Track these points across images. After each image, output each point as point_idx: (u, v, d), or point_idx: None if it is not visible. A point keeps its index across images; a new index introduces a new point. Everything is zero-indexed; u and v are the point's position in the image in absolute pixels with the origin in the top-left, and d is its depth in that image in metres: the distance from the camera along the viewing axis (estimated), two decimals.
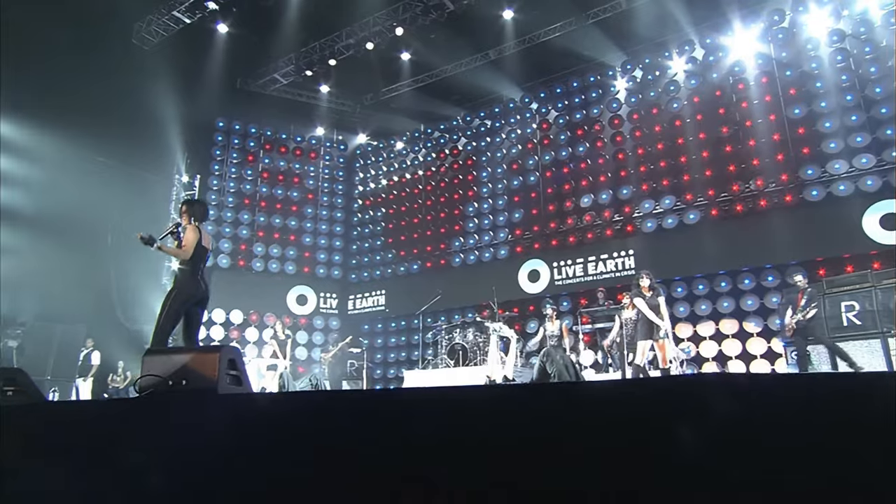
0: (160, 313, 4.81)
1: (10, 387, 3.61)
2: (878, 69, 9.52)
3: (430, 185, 14.44)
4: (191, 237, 4.95)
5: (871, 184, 9.22)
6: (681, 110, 11.15)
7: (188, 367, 2.69)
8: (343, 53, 12.54)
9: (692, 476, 1.44)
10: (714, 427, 1.52)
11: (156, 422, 2.50)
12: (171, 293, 4.89)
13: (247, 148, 14.31)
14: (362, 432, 2.07)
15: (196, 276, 5.04)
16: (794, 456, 1.38)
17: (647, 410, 1.75)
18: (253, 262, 13.55)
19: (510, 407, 2.02)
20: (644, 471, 1.49)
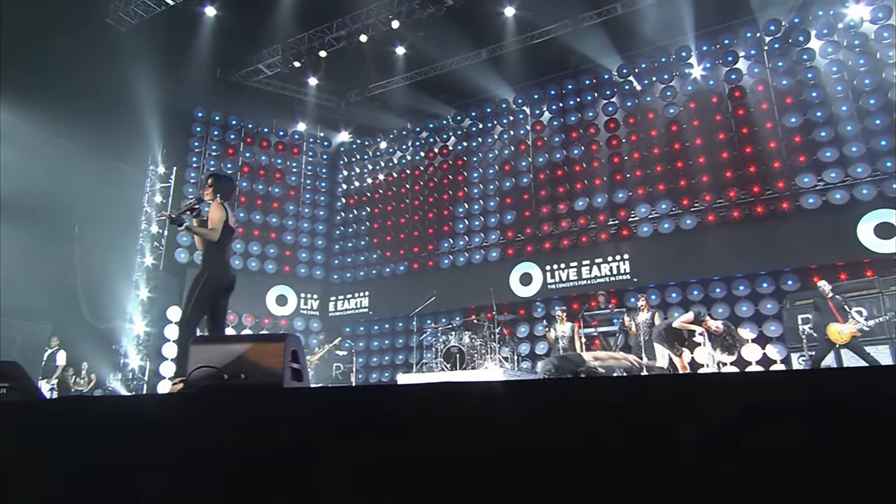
0: (187, 302, 4.33)
1: (2, 382, 3.10)
2: (872, 81, 9.69)
3: (417, 184, 14.09)
4: (217, 215, 4.48)
5: (866, 193, 9.35)
6: (677, 115, 11.14)
7: (247, 358, 2.28)
8: (334, 45, 12.14)
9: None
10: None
11: (210, 422, 2.08)
12: (200, 279, 4.40)
13: (227, 141, 13.68)
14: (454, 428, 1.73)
15: (224, 259, 4.59)
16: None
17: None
18: (231, 259, 12.86)
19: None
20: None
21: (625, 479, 1.45)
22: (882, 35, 9.79)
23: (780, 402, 1.49)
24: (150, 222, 12.43)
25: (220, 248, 4.52)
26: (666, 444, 1.46)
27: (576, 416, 1.63)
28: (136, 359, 11.36)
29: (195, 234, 4.53)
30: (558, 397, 1.92)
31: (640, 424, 1.54)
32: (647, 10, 10.78)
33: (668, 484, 1.42)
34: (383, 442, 1.66)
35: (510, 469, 1.57)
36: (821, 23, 10.31)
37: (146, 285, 11.89)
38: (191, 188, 12.88)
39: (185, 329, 4.29)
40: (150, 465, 1.94)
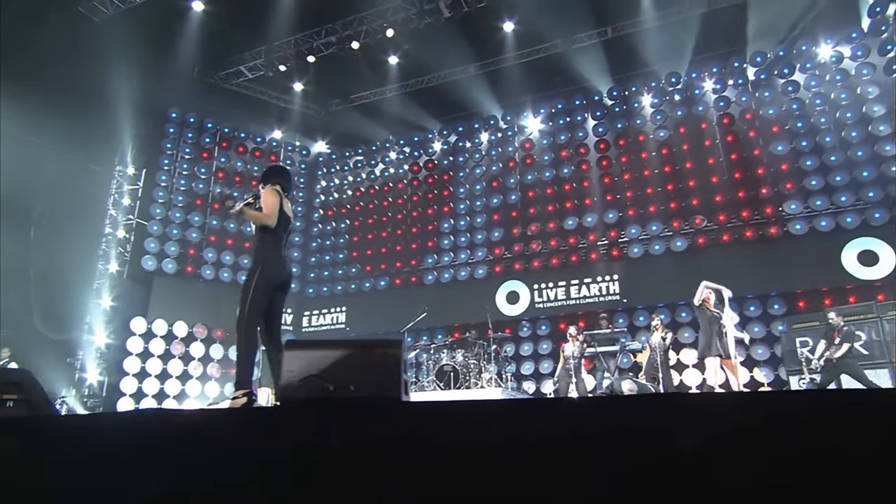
0: (242, 301, 3.83)
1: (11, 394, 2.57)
2: (854, 114, 10.09)
3: (401, 198, 13.76)
4: (272, 199, 4.03)
5: (850, 221, 9.64)
6: (668, 139, 11.29)
7: (354, 367, 1.90)
8: (322, 51, 11.77)
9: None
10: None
11: (317, 441, 1.70)
12: (255, 273, 3.92)
13: (201, 144, 12.99)
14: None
15: (280, 251, 4.12)
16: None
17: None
18: (203, 268, 12.14)
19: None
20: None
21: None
22: (862, 71, 10.24)
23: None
24: (116, 226, 11.57)
25: (275, 239, 4.06)
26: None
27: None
28: (95, 373, 10.43)
29: (247, 218, 4.04)
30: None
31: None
32: (639, 35, 10.93)
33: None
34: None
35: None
36: (805, 57, 10.71)
37: (109, 293, 11.00)
38: (161, 191, 12.12)
39: (244, 333, 3.78)
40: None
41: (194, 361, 11.38)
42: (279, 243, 4.11)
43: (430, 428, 1.78)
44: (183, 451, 1.81)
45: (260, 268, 3.92)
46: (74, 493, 2.06)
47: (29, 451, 2.37)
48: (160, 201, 12.03)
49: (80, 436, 2.20)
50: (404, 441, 1.73)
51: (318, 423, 1.78)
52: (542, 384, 11.18)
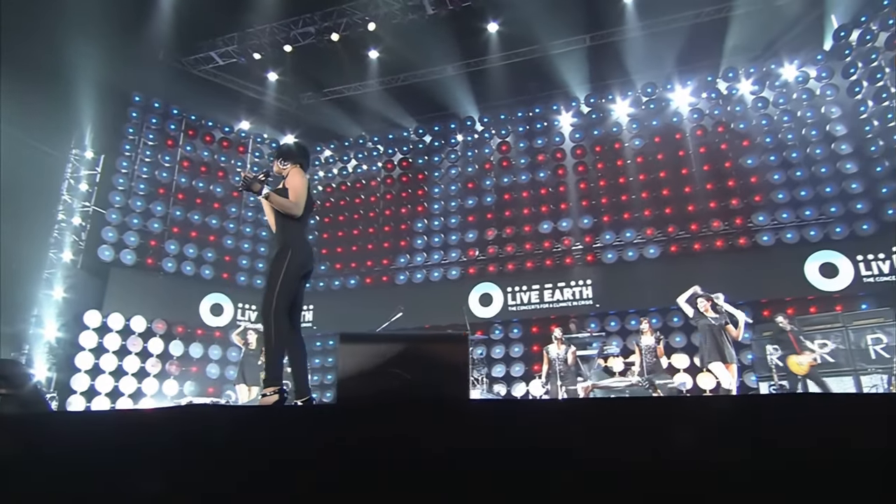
0: (270, 290, 3.55)
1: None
2: (819, 132, 10.52)
3: (373, 195, 13.51)
4: (300, 181, 3.77)
5: (814, 234, 10.04)
6: (643, 148, 11.49)
7: (419, 364, 1.73)
8: (299, 41, 11.44)
9: None
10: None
11: (383, 447, 1.54)
12: (282, 261, 3.63)
13: (166, 130, 12.39)
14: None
15: (307, 238, 3.89)
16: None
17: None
18: (164, 261, 11.54)
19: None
20: None
21: None
22: (826, 92, 10.70)
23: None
24: (71, 213, 10.88)
25: (302, 224, 3.82)
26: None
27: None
28: (44, 369, 9.74)
29: (274, 205, 3.71)
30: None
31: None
32: (619, 44, 11.10)
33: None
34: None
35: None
36: (773, 75, 11.11)
37: (61, 284, 10.31)
38: (121, 178, 11.48)
39: (273, 325, 3.48)
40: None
41: (152, 358, 10.80)
42: (306, 228, 3.88)
43: (505, 429, 1.65)
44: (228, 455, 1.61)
45: (290, 253, 3.65)
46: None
47: (19, 455, 2.11)
48: (120, 188, 11.39)
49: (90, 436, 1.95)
50: (478, 444, 1.59)
51: (384, 423, 1.62)
52: (513, 387, 11.16)
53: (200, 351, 11.46)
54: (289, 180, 3.78)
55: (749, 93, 11.23)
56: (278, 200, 3.68)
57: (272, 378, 3.48)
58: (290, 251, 3.64)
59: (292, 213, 3.70)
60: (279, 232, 3.79)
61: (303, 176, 3.83)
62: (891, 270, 9.54)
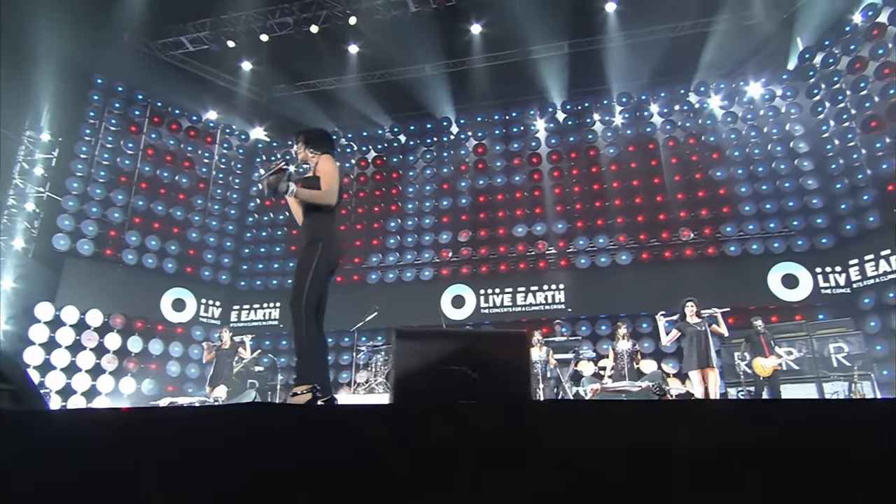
0: (300, 284, 3.34)
1: None
2: (783, 148, 10.96)
3: (346, 193, 13.25)
4: (332, 169, 3.57)
5: (777, 246, 10.43)
6: (618, 156, 11.70)
7: (480, 362, 1.64)
8: (276, 31, 11.14)
9: None
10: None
11: (447, 447, 1.45)
12: (313, 254, 3.43)
13: (130, 116, 11.83)
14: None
15: (337, 230, 3.70)
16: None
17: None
18: (124, 252, 10.99)
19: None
20: None
21: None
22: (790, 111, 11.16)
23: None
24: (23, 198, 10.22)
25: (332, 215, 3.61)
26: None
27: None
28: None
29: (304, 199, 3.49)
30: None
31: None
32: (595, 54, 11.26)
33: None
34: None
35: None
36: (742, 91, 11.51)
37: (11, 274, 9.67)
38: (80, 164, 10.88)
39: (303, 321, 3.31)
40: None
41: (109, 354, 10.25)
42: (336, 220, 3.68)
43: (569, 429, 1.58)
44: (290, 455, 1.48)
45: (321, 246, 3.46)
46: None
47: (16, 457, 1.91)
48: (78, 175, 10.79)
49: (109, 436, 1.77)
50: (543, 445, 1.52)
51: (454, 422, 1.52)
52: None
53: (160, 348, 10.97)
54: (320, 168, 3.58)
55: (719, 107, 11.59)
56: (308, 194, 3.49)
57: (304, 376, 3.31)
58: (319, 244, 3.46)
59: (326, 202, 3.52)
60: (308, 223, 3.58)
61: (334, 164, 3.66)
62: (846, 283, 10.01)
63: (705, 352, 6.77)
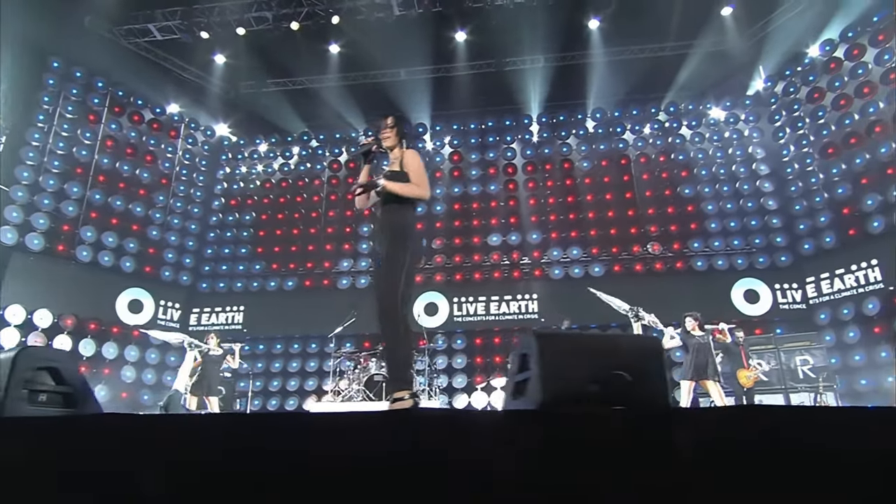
0: (393, 283, 3.09)
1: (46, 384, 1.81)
2: (746, 170, 11.52)
3: (317, 195, 12.94)
4: (420, 163, 3.36)
5: (741, 262, 10.91)
6: (591, 170, 11.95)
7: (619, 367, 1.56)
8: (252, 25, 10.79)
9: None
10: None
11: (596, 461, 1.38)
12: (405, 252, 3.19)
13: (88, 104, 11.10)
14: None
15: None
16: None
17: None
18: (78, 249, 10.27)
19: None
20: None
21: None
22: (753, 134, 11.76)
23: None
24: None
25: (415, 212, 3.43)
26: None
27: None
28: None
29: (399, 192, 3.28)
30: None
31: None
32: (572, 69, 11.51)
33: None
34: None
35: None
36: (708, 114, 12.04)
37: None
38: (32, 152, 10.11)
39: (395, 323, 3.09)
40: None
41: None
42: (416, 216, 3.50)
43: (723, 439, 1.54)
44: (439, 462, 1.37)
45: (410, 245, 3.26)
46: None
47: (71, 468, 1.71)
48: (29, 163, 10.02)
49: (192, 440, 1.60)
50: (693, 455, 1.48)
51: (601, 428, 1.45)
52: (455, 399, 11.05)
53: (115, 351, 10.29)
54: (410, 162, 3.39)
55: (687, 127, 12.05)
56: (404, 188, 3.29)
57: (403, 380, 3.13)
58: (409, 244, 3.27)
59: (422, 197, 3.36)
60: (391, 218, 3.35)
61: (420, 158, 3.50)
62: (803, 299, 10.58)
63: (704, 364, 6.95)
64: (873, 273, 9.38)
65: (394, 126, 3.50)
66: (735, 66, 11.44)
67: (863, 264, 9.52)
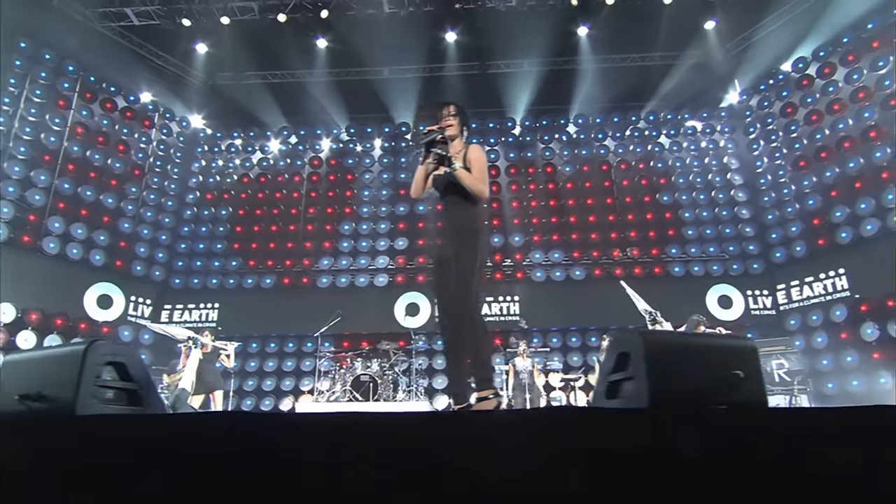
0: (466, 281, 2.97)
1: (112, 380, 1.69)
2: (721, 179, 11.90)
3: (296, 191, 12.69)
4: (484, 162, 3.26)
5: (716, 269, 11.26)
6: (573, 174, 12.12)
7: (721, 367, 1.56)
8: (237, 15, 10.51)
9: None
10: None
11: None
12: (477, 247, 3.10)
13: (58, 89, 10.57)
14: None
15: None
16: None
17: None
18: (45, 240, 9.76)
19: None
20: None
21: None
22: (728, 145, 12.16)
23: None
24: None
25: (482, 206, 3.31)
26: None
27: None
28: None
29: (467, 183, 3.18)
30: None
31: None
32: (558, 74, 11.63)
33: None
34: None
35: None
36: (685, 124, 12.39)
37: None
38: None
39: (475, 322, 3.00)
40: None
41: None
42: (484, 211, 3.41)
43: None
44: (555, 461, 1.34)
45: (481, 240, 3.17)
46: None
47: (147, 469, 1.62)
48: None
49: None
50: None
51: (707, 429, 1.46)
52: (434, 400, 11.00)
53: None
54: (475, 157, 3.29)
55: (666, 136, 12.36)
56: (471, 181, 3.21)
57: (487, 379, 3.02)
58: (480, 239, 3.20)
59: (482, 195, 3.26)
60: (457, 211, 3.27)
61: (483, 152, 3.43)
62: (773, 305, 11.00)
63: None
64: (840, 281, 9.82)
65: (457, 115, 3.40)
66: (713, 78, 11.79)
67: (831, 273, 9.96)
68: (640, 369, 1.60)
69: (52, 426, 1.61)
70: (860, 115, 9.62)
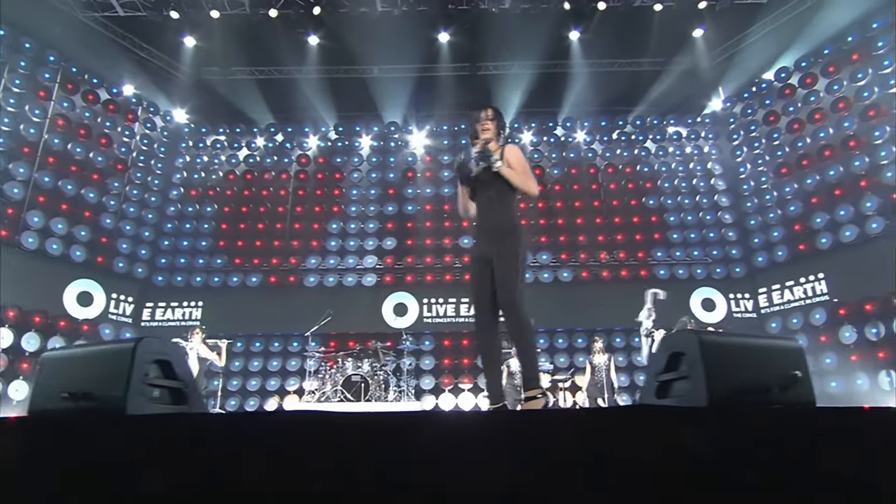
0: (513, 280, 2.98)
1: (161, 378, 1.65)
2: (706, 184, 12.14)
3: (283, 189, 12.54)
4: (524, 159, 3.29)
5: (700, 272, 11.48)
6: (561, 177, 12.23)
7: (769, 366, 1.59)
8: (227, 9, 10.35)
9: None
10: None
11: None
12: (516, 245, 3.12)
13: (39, 80, 10.26)
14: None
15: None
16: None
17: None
18: (24, 235, 9.46)
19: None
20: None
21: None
22: (712, 151, 12.42)
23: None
24: None
25: (518, 205, 3.32)
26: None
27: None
28: None
29: (513, 179, 3.19)
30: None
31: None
32: (549, 77, 11.71)
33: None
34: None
35: None
36: (672, 130, 12.61)
37: None
38: None
39: (523, 322, 3.03)
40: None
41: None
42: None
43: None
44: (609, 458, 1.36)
45: (521, 237, 3.19)
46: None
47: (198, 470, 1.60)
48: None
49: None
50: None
51: (766, 426, 1.49)
52: (422, 400, 10.99)
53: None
54: (513, 157, 3.30)
55: (652, 141, 12.56)
56: (519, 178, 3.23)
57: (535, 378, 3.05)
58: (522, 238, 3.21)
59: (531, 192, 3.28)
60: (501, 211, 3.26)
61: (522, 153, 3.43)
62: (754, 308, 11.27)
63: None
64: (820, 286, 10.11)
65: (494, 118, 3.40)
66: (699, 85, 12.02)
67: (811, 277, 10.25)
68: (697, 369, 1.63)
69: (102, 425, 1.57)
70: (840, 124, 9.92)
